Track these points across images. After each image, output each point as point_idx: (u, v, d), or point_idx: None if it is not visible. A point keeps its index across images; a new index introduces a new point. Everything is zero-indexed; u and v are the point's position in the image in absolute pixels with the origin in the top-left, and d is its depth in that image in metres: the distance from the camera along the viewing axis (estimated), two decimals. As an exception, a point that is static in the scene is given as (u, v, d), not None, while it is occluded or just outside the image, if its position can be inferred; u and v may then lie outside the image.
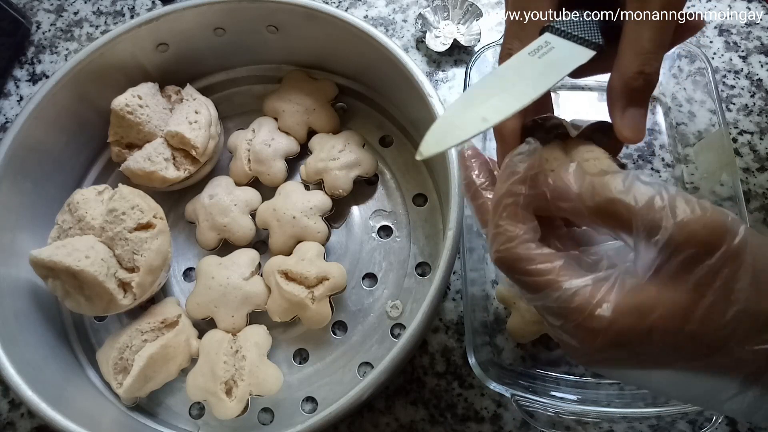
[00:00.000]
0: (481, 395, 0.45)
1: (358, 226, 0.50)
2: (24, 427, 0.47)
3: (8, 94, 0.60)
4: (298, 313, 0.45)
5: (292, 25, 0.49)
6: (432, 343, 0.47)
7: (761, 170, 0.50)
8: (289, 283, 0.44)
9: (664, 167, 0.51)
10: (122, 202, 0.44)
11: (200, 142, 0.48)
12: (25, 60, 0.62)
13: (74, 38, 0.62)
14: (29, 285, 0.45)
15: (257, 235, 0.49)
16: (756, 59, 0.54)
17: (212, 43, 0.51)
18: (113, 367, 0.43)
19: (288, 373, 0.45)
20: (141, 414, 0.45)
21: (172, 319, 0.45)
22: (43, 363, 0.43)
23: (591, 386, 0.44)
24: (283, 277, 0.45)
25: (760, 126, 0.52)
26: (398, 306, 0.47)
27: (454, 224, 0.39)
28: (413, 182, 0.51)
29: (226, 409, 0.41)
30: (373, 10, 0.60)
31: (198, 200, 0.50)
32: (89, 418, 0.41)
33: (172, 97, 0.51)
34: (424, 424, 0.44)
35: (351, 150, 0.49)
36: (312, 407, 0.45)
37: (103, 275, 0.41)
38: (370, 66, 0.49)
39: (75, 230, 0.44)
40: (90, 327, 0.49)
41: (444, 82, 0.56)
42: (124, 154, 0.50)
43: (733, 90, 0.53)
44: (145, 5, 0.63)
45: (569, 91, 0.55)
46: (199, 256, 0.50)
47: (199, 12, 0.48)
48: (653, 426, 0.42)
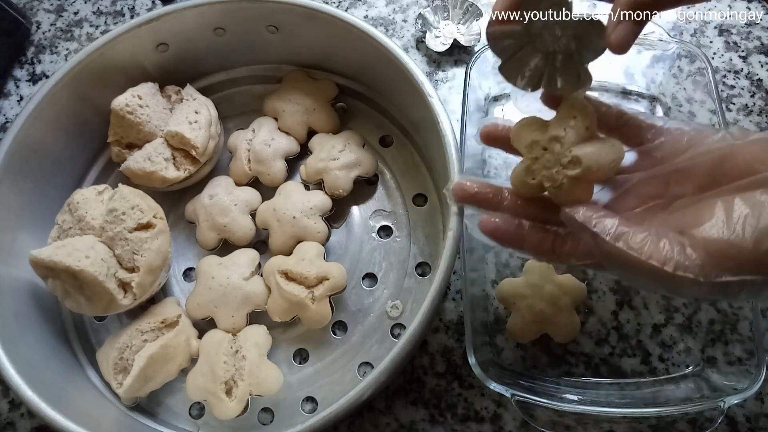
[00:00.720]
0: (481, 395, 0.45)
1: (358, 226, 0.50)
2: (24, 427, 0.47)
3: (8, 94, 0.60)
4: (298, 313, 0.45)
5: (292, 25, 0.49)
6: (432, 343, 0.47)
7: (761, 170, 0.50)
8: (289, 283, 0.44)
9: (664, 167, 0.51)
10: (122, 202, 0.44)
11: (200, 142, 0.48)
12: (25, 60, 0.62)
13: (74, 38, 0.62)
14: (29, 285, 0.45)
15: (257, 235, 0.49)
16: (756, 59, 0.54)
17: (212, 43, 0.51)
18: (113, 367, 0.43)
19: (288, 373, 0.45)
20: (141, 414, 0.45)
21: (172, 319, 0.45)
22: (43, 363, 0.43)
23: (591, 386, 0.44)
24: (283, 277, 0.45)
25: (760, 126, 0.52)
26: (398, 306, 0.47)
27: (454, 224, 0.39)
28: (413, 182, 0.51)
29: (226, 409, 0.41)
30: (373, 10, 0.60)
31: (198, 200, 0.50)
32: (89, 418, 0.41)
33: (172, 97, 0.51)
34: (424, 424, 0.44)
35: (351, 150, 0.49)
36: (312, 407, 0.45)
37: (103, 275, 0.41)
38: (370, 66, 0.49)
39: (75, 230, 0.44)
40: (90, 327, 0.49)
41: (444, 82, 0.56)
42: (124, 154, 0.50)
43: (733, 90, 0.53)
44: (145, 5, 0.63)
45: (569, 91, 0.54)
46: (199, 256, 0.50)
47: (199, 12, 0.48)
48: (653, 426, 0.42)
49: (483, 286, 0.48)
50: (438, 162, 0.44)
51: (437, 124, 0.42)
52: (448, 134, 0.41)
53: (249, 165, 0.50)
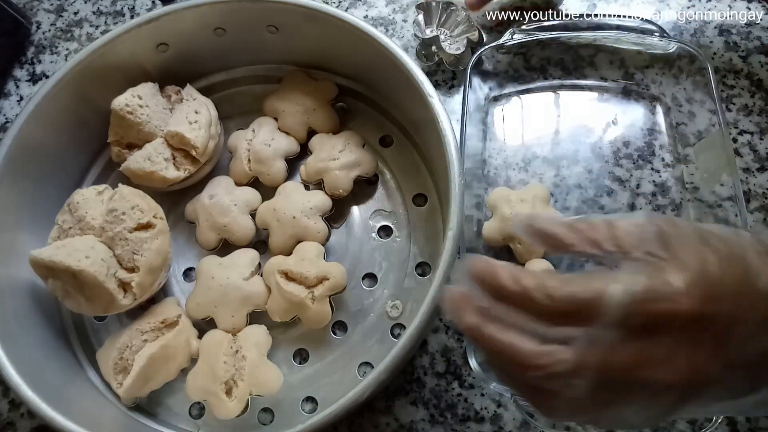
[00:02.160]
0: (481, 395, 0.45)
1: (358, 226, 0.50)
2: (24, 427, 0.47)
3: (8, 94, 0.60)
4: (298, 313, 0.45)
5: (292, 25, 0.49)
6: (432, 343, 0.47)
7: (761, 170, 0.50)
8: (289, 283, 0.44)
9: (664, 167, 0.51)
10: (122, 202, 0.44)
11: (200, 142, 0.48)
12: (25, 60, 0.62)
13: (74, 38, 0.62)
14: (29, 285, 0.45)
15: (257, 235, 0.49)
16: (756, 59, 0.54)
17: (212, 43, 0.51)
18: (113, 367, 0.43)
19: (288, 373, 0.45)
20: (141, 414, 0.45)
21: (172, 319, 0.45)
22: (43, 363, 0.43)
23: (591, 386, 0.44)
24: (283, 277, 0.45)
25: (760, 126, 0.52)
26: (398, 306, 0.47)
27: (454, 224, 0.39)
28: (413, 182, 0.51)
29: (226, 409, 0.41)
30: (373, 10, 0.60)
31: (198, 200, 0.50)
32: (89, 418, 0.41)
33: (172, 97, 0.51)
34: (424, 424, 0.44)
35: (351, 150, 0.49)
36: (312, 407, 0.45)
37: (103, 275, 0.41)
38: (370, 66, 0.49)
39: (75, 230, 0.44)
40: (90, 327, 0.49)
41: (444, 83, 0.56)
42: (124, 154, 0.50)
43: (733, 90, 0.53)
44: (145, 5, 0.63)
45: (569, 91, 0.55)
46: (199, 256, 0.50)
47: (199, 12, 0.48)
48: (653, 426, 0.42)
49: (483, 286, 0.48)
50: (438, 162, 0.44)
51: (437, 124, 0.42)
52: (448, 134, 0.41)
53: (249, 165, 0.50)
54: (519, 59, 0.56)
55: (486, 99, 0.54)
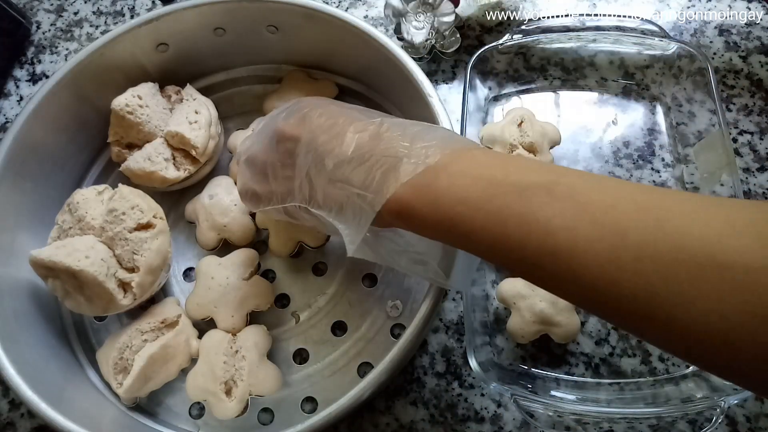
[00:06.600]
0: (481, 395, 0.45)
1: (358, 226, 0.50)
2: (24, 427, 0.47)
3: (8, 94, 0.60)
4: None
5: (292, 25, 0.49)
6: (432, 343, 0.47)
7: (761, 170, 0.50)
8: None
9: (664, 167, 0.51)
10: (122, 202, 0.44)
11: (200, 142, 0.48)
12: (25, 60, 0.62)
13: (74, 38, 0.62)
14: (29, 285, 0.45)
15: (257, 235, 0.49)
16: (756, 59, 0.54)
17: (212, 43, 0.51)
18: (113, 367, 0.43)
19: (288, 373, 0.46)
20: (141, 414, 0.45)
21: (172, 319, 0.45)
22: (43, 363, 0.43)
23: (591, 386, 0.44)
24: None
25: (760, 126, 0.52)
26: (398, 306, 0.47)
27: (454, 224, 0.38)
28: (413, 182, 0.50)
29: (226, 409, 0.41)
30: (373, 10, 0.60)
31: (198, 200, 0.50)
32: (89, 418, 0.41)
33: (172, 97, 0.51)
34: (424, 424, 0.44)
35: (351, 150, 0.49)
36: (312, 407, 0.45)
37: (103, 275, 0.41)
38: (370, 66, 0.49)
39: (75, 230, 0.44)
40: (90, 327, 0.49)
41: (444, 83, 0.56)
42: (124, 154, 0.50)
43: (733, 90, 0.53)
44: (145, 5, 0.63)
45: (569, 91, 0.55)
46: (199, 256, 0.50)
47: (199, 12, 0.48)
48: (653, 426, 0.42)
49: (483, 286, 0.48)
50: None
51: (437, 124, 0.42)
52: (448, 134, 0.41)
53: (249, 165, 0.50)
54: (519, 59, 0.56)
55: (486, 99, 0.54)
